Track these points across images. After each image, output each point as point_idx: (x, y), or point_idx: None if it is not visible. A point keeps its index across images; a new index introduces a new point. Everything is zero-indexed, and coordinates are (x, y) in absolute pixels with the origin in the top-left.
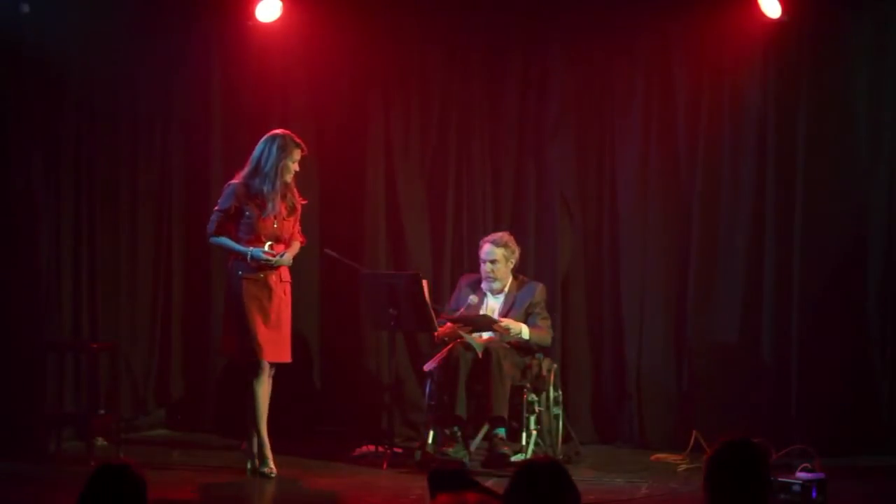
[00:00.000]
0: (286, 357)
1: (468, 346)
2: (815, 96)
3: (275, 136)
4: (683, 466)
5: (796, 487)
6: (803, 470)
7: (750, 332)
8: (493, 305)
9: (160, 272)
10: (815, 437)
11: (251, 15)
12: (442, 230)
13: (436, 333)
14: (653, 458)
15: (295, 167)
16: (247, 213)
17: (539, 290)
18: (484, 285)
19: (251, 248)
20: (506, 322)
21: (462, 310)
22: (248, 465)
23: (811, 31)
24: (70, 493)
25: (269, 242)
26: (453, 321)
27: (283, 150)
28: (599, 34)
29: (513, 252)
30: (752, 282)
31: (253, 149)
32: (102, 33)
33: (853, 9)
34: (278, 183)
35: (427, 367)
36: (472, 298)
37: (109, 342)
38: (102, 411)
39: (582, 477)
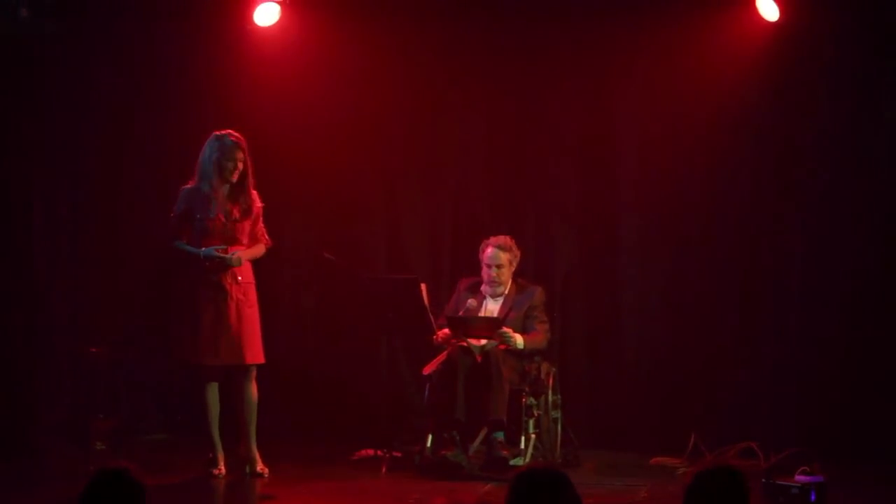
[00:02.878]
0: (255, 358)
1: (467, 350)
2: (814, 99)
3: (212, 137)
4: (682, 470)
5: (795, 490)
6: (802, 473)
7: (749, 335)
8: (491, 308)
9: (158, 276)
10: (815, 441)
11: (249, 19)
12: (440, 234)
13: (434, 337)
14: (652, 461)
15: (236, 166)
16: (197, 216)
17: (538, 294)
18: (486, 289)
19: (203, 249)
20: (508, 332)
21: (461, 314)
22: (247, 469)
23: (809, 33)
24: (69, 498)
25: (222, 246)
26: (460, 323)
27: (218, 150)
28: (598, 38)
29: (516, 256)
30: (752, 285)
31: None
32: (100, 37)
33: (851, 11)
34: (215, 181)
35: (426, 370)
36: (471, 302)
37: (108, 346)
38: (102, 416)
39: (581, 480)
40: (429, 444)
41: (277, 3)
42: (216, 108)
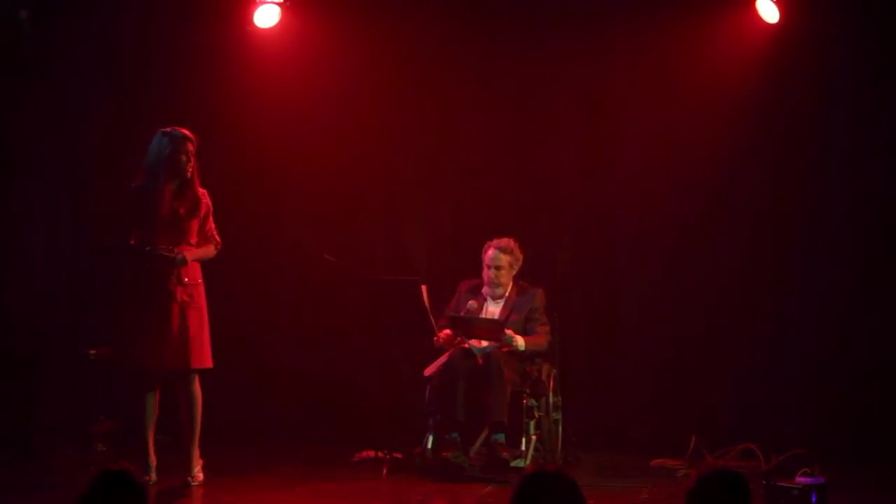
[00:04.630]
0: (201, 363)
1: (468, 352)
2: (814, 100)
3: (160, 133)
4: (683, 471)
5: (795, 492)
6: (803, 475)
7: (750, 336)
8: (492, 311)
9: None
10: (816, 442)
11: (249, 20)
12: (441, 235)
13: (435, 338)
14: (653, 462)
15: (185, 159)
16: (144, 215)
17: (539, 296)
18: (486, 290)
19: (148, 248)
20: (510, 334)
21: (462, 314)
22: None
23: (809, 35)
24: (70, 500)
25: (168, 246)
26: (462, 323)
27: (168, 146)
28: (599, 40)
29: (517, 259)
30: (751, 286)
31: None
32: (100, 40)
33: (851, 12)
34: (163, 177)
35: (427, 372)
36: (472, 304)
37: (108, 348)
38: (102, 417)
39: (582, 482)
40: (430, 445)
41: (277, 4)
42: (217, 109)
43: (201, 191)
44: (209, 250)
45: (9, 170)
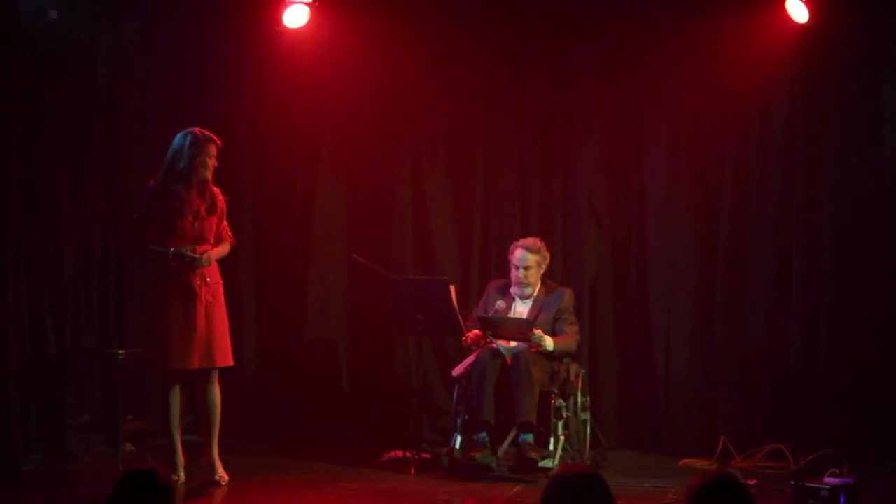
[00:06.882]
0: (224, 361)
1: (496, 352)
2: (843, 101)
3: (186, 134)
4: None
5: (824, 493)
6: (831, 475)
7: (777, 336)
8: (520, 311)
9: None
10: (844, 442)
11: (279, 21)
12: (469, 235)
13: (463, 338)
14: (681, 463)
15: (212, 162)
16: (167, 216)
17: (567, 296)
18: (514, 290)
19: (172, 249)
20: (539, 333)
21: (491, 314)
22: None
23: (839, 35)
24: (99, 499)
25: (191, 246)
26: (491, 323)
27: (196, 147)
28: (627, 40)
29: (545, 258)
30: (780, 286)
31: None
32: (129, 40)
33: (881, 13)
34: (193, 181)
35: (455, 372)
36: (500, 304)
37: (136, 349)
38: (130, 417)
39: (610, 482)
40: (457, 445)
41: (307, 4)
42: (245, 108)
43: (215, 189)
44: (225, 249)
45: (38, 169)
